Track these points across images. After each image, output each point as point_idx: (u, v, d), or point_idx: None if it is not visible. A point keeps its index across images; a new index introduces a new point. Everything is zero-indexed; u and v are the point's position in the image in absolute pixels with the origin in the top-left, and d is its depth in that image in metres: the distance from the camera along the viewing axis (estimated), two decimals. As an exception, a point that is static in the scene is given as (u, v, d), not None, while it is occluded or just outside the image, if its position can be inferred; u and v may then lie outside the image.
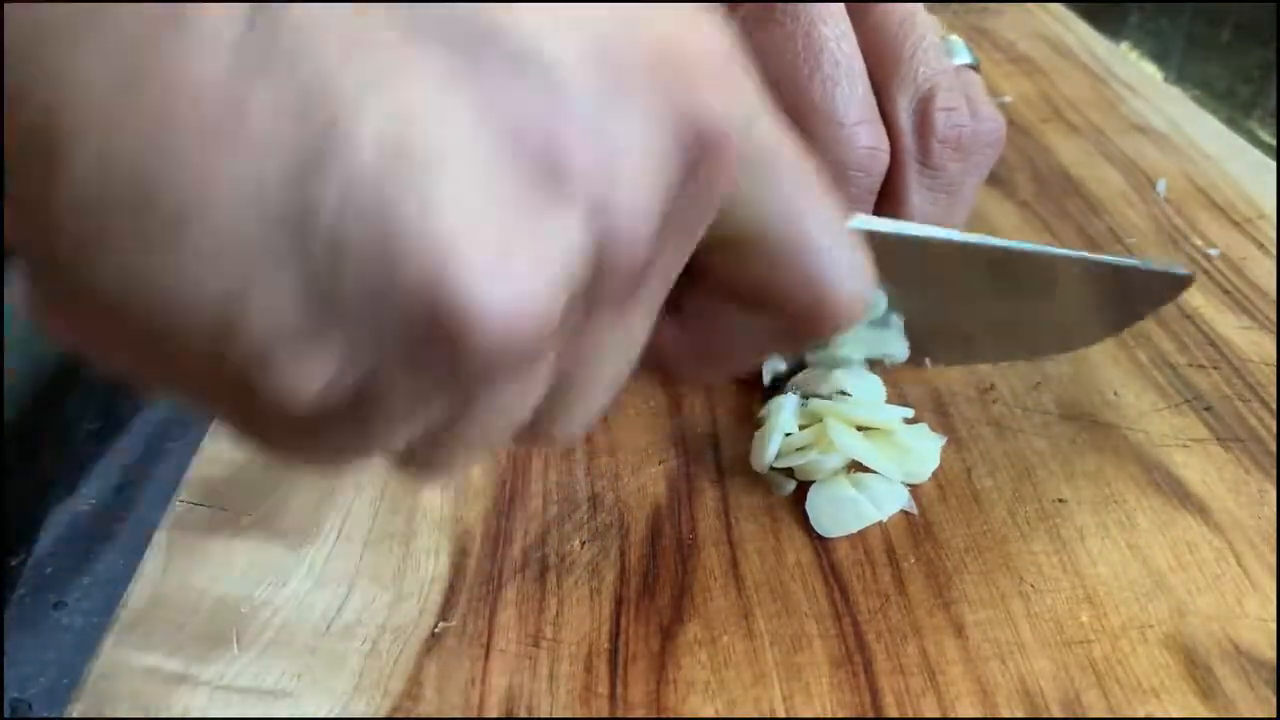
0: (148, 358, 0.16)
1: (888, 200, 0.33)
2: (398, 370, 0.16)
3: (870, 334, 0.34)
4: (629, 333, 0.20)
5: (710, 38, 0.18)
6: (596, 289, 0.17)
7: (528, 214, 0.15)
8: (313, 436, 0.18)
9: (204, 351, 0.15)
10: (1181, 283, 0.33)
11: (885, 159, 0.32)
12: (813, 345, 0.29)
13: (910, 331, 0.34)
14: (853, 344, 0.34)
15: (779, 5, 0.31)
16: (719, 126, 0.17)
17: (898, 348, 0.35)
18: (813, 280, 0.21)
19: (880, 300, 0.32)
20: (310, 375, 0.16)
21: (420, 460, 0.20)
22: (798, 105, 0.31)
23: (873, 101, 0.32)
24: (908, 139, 0.32)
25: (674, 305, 0.22)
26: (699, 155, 0.17)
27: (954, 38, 0.35)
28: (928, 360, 0.36)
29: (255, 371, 0.15)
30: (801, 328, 0.22)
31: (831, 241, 0.21)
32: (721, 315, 0.23)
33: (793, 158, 0.21)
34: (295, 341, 0.15)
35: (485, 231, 0.15)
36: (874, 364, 0.36)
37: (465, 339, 0.15)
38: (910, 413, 0.33)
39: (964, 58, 0.35)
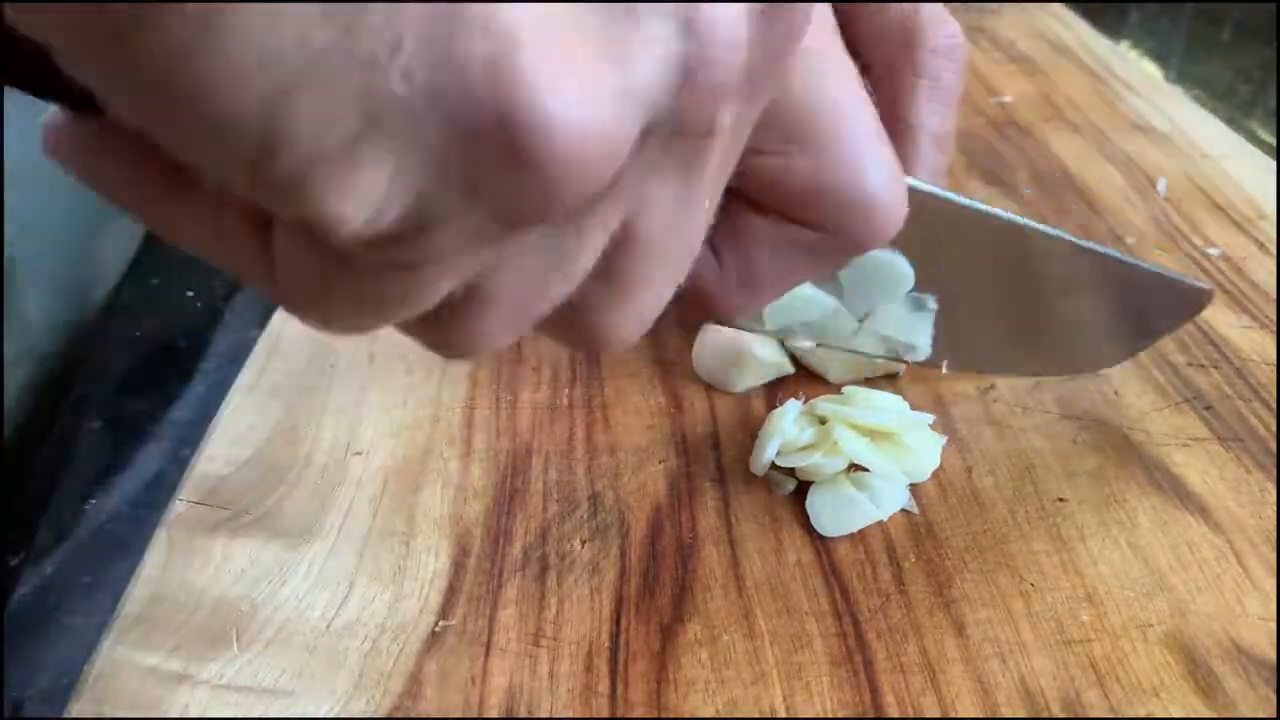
0: (176, 188, 0.16)
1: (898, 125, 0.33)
2: (451, 196, 0.14)
3: (900, 315, 0.32)
4: (691, 204, 0.18)
5: None
6: (673, 130, 0.16)
7: (610, 18, 0.14)
8: (352, 282, 0.16)
9: (250, 163, 0.13)
10: (1201, 298, 0.33)
11: None
12: (847, 263, 0.27)
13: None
14: (882, 321, 0.32)
15: None
16: None
17: (923, 338, 0.33)
18: (855, 175, 0.21)
19: (908, 274, 0.30)
20: (358, 197, 0.14)
21: (452, 329, 0.18)
22: None
23: None
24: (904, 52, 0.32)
25: (710, 239, 0.22)
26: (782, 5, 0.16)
27: None
28: (944, 364, 0.34)
29: (300, 190, 0.14)
30: (842, 234, 0.22)
31: (874, 137, 0.21)
32: (760, 236, 0.23)
33: (844, 55, 0.21)
34: (344, 153, 0.13)
35: (561, 33, 0.13)
36: (890, 365, 0.35)
37: (530, 155, 0.14)
38: (931, 418, 0.33)
39: None
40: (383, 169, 0.14)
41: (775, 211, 0.22)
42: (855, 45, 0.33)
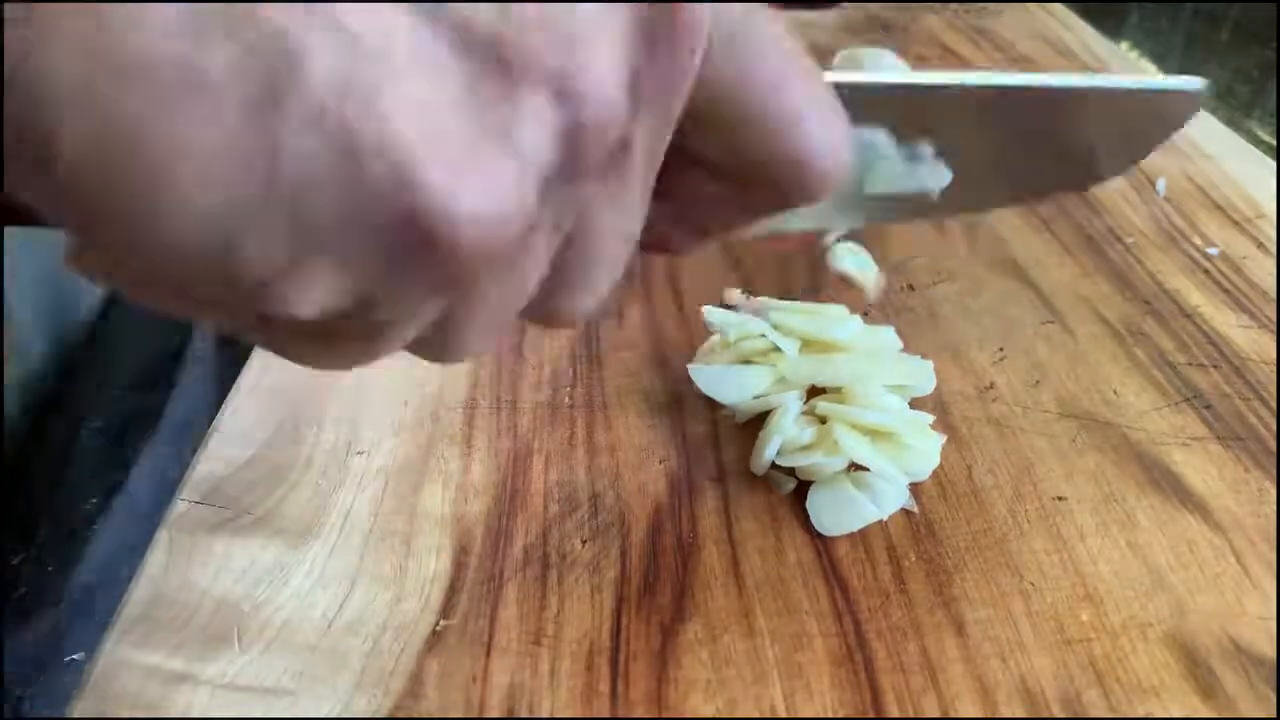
0: (169, 293, 0.17)
1: None
2: (388, 281, 0.17)
3: (898, 168, 0.30)
4: (625, 208, 0.21)
5: None
6: (577, 168, 0.18)
7: (487, 111, 0.16)
8: (326, 343, 0.19)
9: (214, 284, 0.16)
10: (1194, 100, 0.32)
11: None
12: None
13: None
14: (880, 179, 0.30)
15: None
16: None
17: (930, 180, 0.31)
18: (793, 152, 0.22)
19: (887, 141, 0.29)
20: (308, 297, 0.17)
21: (435, 346, 0.21)
22: None
23: None
24: None
25: (659, 182, 0.23)
26: (664, 28, 0.18)
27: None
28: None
29: (259, 300, 0.17)
30: (784, 199, 0.23)
31: (811, 111, 0.22)
32: (707, 190, 0.24)
33: (770, 28, 0.21)
34: (289, 270, 0.16)
35: (446, 135, 0.15)
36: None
37: (442, 245, 0.16)
38: (931, 418, 0.33)
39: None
40: (324, 274, 0.16)
41: (719, 170, 0.23)
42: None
